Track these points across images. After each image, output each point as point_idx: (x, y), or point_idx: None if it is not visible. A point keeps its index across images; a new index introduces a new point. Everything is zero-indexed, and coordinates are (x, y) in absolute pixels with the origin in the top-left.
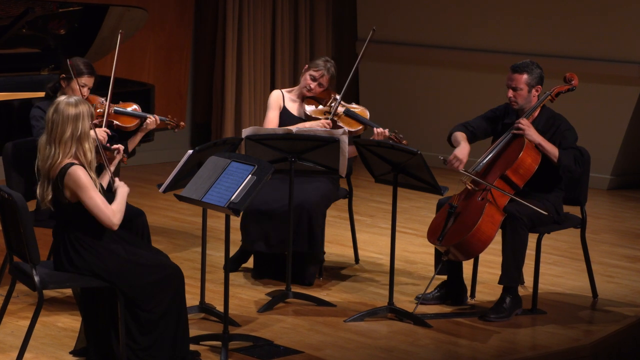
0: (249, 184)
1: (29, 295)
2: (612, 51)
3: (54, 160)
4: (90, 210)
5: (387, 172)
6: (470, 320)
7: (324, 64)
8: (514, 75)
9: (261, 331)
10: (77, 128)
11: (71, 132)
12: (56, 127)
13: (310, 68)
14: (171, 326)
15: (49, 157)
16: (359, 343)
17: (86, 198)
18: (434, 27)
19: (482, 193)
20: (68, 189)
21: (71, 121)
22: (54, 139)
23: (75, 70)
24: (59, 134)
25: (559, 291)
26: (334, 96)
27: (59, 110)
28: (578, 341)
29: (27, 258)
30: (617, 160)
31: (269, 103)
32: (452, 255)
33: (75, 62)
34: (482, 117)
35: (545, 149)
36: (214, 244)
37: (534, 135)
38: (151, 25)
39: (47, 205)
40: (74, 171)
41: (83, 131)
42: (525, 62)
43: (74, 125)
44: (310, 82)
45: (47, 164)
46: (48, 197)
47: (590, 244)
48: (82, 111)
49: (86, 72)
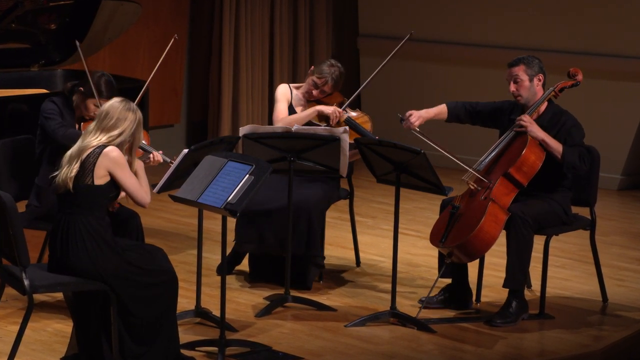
0: (246, 184)
1: (18, 300)
2: (622, 46)
3: (95, 142)
4: (127, 188)
5: (389, 171)
6: (476, 325)
7: (329, 69)
8: (511, 69)
9: (259, 336)
10: (126, 129)
11: (121, 129)
12: (110, 119)
13: (314, 73)
14: (165, 333)
15: (92, 140)
16: (360, 349)
17: (125, 176)
18: (436, 23)
19: (485, 192)
20: (102, 167)
21: (125, 121)
22: (103, 128)
23: (96, 90)
24: (110, 126)
25: (567, 295)
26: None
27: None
28: (587, 347)
29: (16, 261)
30: (627, 160)
31: (276, 96)
32: (456, 257)
33: (99, 82)
34: (488, 104)
35: (549, 145)
36: (210, 246)
37: (537, 131)
38: (145, 19)
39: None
40: (113, 149)
41: (136, 136)
42: (520, 56)
43: (124, 125)
44: (312, 88)
45: (86, 146)
46: (71, 174)
47: (599, 246)
48: (138, 118)
49: (106, 96)
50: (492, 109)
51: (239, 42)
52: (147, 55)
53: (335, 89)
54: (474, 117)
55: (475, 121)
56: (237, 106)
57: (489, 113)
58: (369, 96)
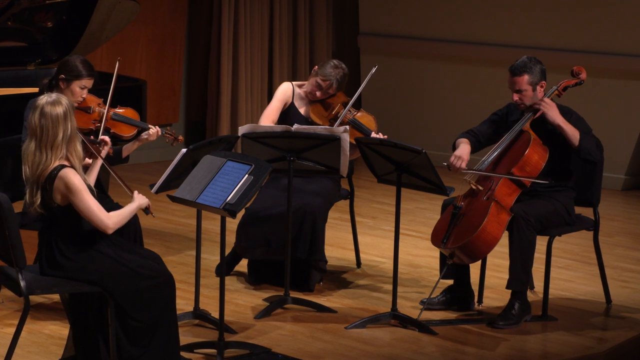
0: (245, 184)
1: (14, 301)
2: (626, 45)
3: (46, 165)
4: (83, 213)
5: (390, 171)
6: (478, 327)
7: (333, 71)
8: (514, 79)
9: (258, 338)
10: (68, 128)
11: (62, 133)
12: (47, 132)
13: (318, 74)
14: (162, 336)
15: (39, 163)
16: (360, 351)
17: (79, 201)
18: (437, 20)
19: (488, 192)
20: (59, 192)
21: (61, 122)
22: (45, 144)
23: (75, 72)
24: (51, 139)
25: (570, 297)
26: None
27: (46, 114)
28: (591, 349)
29: (12, 262)
30: (631, 160)
31: (275, 93)
32: (457, 259)
33: (74, 63)
34: (486, 122)
35: (566, 130)
36: (209, 247)
37: (556, 115)
38: (142, 17)
39: (36, 211)
40: (65, 174)
41: (73, 128)
42: (523, 60)
43: (64, 126)
44: (316, 89)
45: (38, 170)
46: (37, 202)
47: (603, 247)
48: (67, 107)
49: (86, 75)
50: (492, 122)
51: (238, 40)
52: (145, 54)
53: (339, 89)
54: (481, 140)
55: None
56: (236, 105)
57: (490, 129)
58: (370, 96)
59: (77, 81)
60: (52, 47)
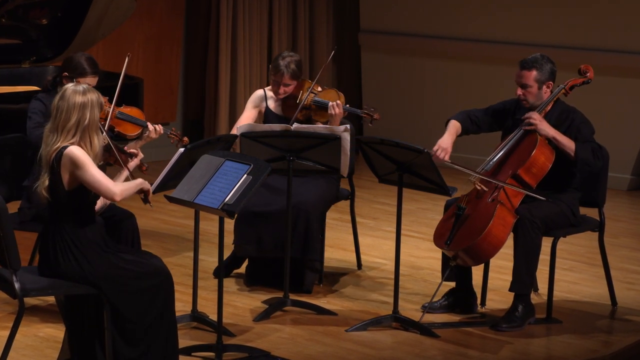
0: (244, 185)
1: (8, 304)
2: (631, 42)
3: (55, 144)
4: (90, 186)
5: (392, 171)
6: (481, 329)
7: (281, 62)
8: (522, 72)
9: (257, 341)
10: (85, 117)
11: (76, 119)
12: (61, 114)
13: (270, 72)
14: (160, 337)
15: (51, 143)
16: (361, 354)
17: (85, 174)
18: (439, 17)
19: (493, 194)
20: (66, 170)
21: (77, 109)
22: (58, 125)
23: (79, 69)
24: (63, 121)
25: (575, 299)
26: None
27: (65, 97)
28: (596, 352)
29: (6, 263)
30: (637, 159)
31: (247, 101)
32: (461, 260)
33: (79, 61)
34: (489, 109)
35: (561, 142)
36: (207, 249)
37: (547, 129)
38: (139, 14)
39: (44, 194)
40: (70, 150)
41: (91, 120)
42: (535, 56)
43: (80, 114)
44: (275, 87)
45: (49, 149)
46: (45, 184)
47: (608, 248)
48: (91, 99)
49: (90, 73)
50: (495, 111)
51: (236, 38)
52: (142, 52)
53: (296, 77)
54: (480, 125)
55: (481, 129)
56: (235, 104)
57: (492, 117)
58: (370, 93)
59: (81, 79)
60: (47, 44)
